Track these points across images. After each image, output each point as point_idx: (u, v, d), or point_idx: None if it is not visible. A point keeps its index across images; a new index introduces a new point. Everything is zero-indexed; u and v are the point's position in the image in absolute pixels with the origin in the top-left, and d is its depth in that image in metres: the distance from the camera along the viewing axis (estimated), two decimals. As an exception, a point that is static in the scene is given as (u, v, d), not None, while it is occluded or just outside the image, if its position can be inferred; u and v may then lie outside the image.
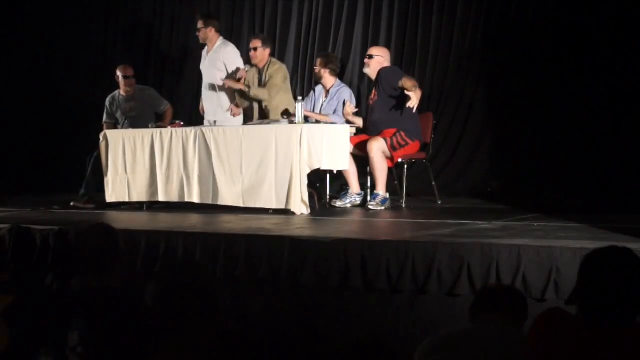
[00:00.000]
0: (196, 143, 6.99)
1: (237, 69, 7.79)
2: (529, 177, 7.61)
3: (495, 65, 7.97)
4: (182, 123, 7.56)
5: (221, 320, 3.11)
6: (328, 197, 7.33)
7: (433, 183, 7.30)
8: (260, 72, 7.76)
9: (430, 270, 4.65)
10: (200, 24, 7.94)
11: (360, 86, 8.55)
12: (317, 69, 7.71)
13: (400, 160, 7.03)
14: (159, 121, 7.87)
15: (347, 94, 7.67)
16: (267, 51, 7.75)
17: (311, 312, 5.00)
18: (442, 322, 4.36)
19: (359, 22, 8.69)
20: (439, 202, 7.22)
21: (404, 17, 8.29)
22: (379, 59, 7.28)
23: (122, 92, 8.17)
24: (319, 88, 7.80)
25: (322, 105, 7.69)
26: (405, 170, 7.09)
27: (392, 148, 6.94)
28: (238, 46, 8.32)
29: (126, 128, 7.89)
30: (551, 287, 4.34)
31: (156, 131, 7.28)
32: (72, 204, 7.58)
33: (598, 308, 2.64)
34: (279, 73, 7.69)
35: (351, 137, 7.09)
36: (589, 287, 2.67)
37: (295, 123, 6.82)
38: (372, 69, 7.30)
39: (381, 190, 6.92)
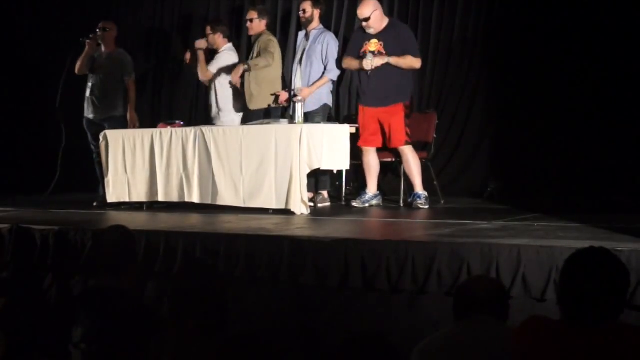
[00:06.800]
0: (196, 143, 6.99)
1: (235, 64, 7.75)
2: (529, 177, 7.60)
3: (495, 65, 7.95)
4: (182, 123, 7.55)
5: (230, 322, 3.12)
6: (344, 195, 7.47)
7: (435, 183, 7.29)
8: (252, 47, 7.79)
9: (430, 270, 4.65)
10: (208, 30, 7.94)
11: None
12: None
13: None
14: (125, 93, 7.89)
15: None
16: (263, 22, 7.78)
17: (311, 312, 4.99)
18: (442, 322, 4.35)
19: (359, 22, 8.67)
20: (442, 202, 7.21)
21: (404, 16, 8.27)
22: (376, 15, 7.04)
23: (104, 47, 8.17)
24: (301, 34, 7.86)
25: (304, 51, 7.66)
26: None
27: (408, 127, 6.96)
28: (239, 46, 8.32)
29: (92, 83, 8.02)
30: (551, 287, 4.34)
31: (156, 131, 7.28)
32: (94, 204, 7.66)
33: (580, 308, 2.68)
34: (271, 43, 7.67)
35: (365, 140, 7.06)
36: (571, 288, 2.71)
37: (295, 122, 6.83)
38: (375, 26, 7.05)
39: (420, 189, 6.94)
